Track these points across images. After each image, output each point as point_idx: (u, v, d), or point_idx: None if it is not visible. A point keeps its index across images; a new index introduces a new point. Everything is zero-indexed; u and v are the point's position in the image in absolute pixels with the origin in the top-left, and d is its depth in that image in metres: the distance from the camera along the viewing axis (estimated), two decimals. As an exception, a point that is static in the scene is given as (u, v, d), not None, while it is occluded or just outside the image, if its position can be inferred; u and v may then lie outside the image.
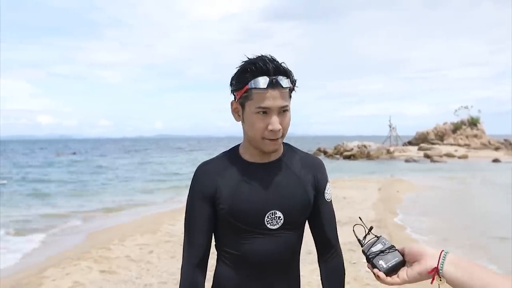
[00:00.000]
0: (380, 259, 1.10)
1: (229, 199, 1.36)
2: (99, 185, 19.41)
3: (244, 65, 1.33)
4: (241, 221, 1.36)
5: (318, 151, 44.27)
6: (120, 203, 13.34)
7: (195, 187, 1.42)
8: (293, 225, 1.40)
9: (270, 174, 1.40)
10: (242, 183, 1.38)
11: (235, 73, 1.35)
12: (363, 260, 5.89)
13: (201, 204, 1.39)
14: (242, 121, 1.38)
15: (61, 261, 6.15)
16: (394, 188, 14.38)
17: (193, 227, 1.40)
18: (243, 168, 1.40)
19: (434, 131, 51.36)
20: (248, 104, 1.32)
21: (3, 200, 14.15)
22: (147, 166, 32.43)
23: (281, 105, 1.31)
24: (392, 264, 1.08)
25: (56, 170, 28.23)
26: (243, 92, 1.31)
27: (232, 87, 1.37)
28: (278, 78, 1.29)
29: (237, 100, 1.36)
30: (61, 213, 11.63)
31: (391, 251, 1.10)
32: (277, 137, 1.33)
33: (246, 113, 1.34)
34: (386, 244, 1.13)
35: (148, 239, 7.36)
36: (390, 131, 54.09)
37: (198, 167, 1.44)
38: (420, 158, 34.31)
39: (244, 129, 1.39)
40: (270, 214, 1.36)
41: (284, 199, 1.38)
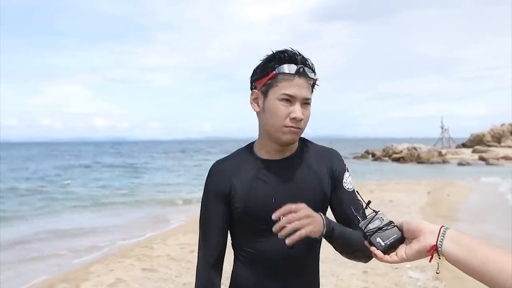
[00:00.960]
0: (377, 237, 1.04)
1: (244, 197, 1.34)
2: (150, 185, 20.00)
3: (271, 55, 1.33)
4: (256, 220, 1.34)
5: (366, 153, 43.40)
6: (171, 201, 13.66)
7: (209, 186, 1.40)
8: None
9: (285, 171, 1.37)
10: (257, 181, 1.35)
11: (260, 64, 1.35)
12: (406, 265, 5.69)
13: (216, 203, 1.38)
14: (261, 111, 1.35)
15: (106, 258, 6.38)
16: (444, 192, 13.77)
17: (208, 226, 1.39)
18: (258, 165, 1.38)
19: (490, 133, 48.92)
20: (272, 90, 1.30)
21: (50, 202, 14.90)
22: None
23: (306, 96, 1.30)
24: (389, 242, 1.02)
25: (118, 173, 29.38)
26: (268, 79, 1.30)
27: (255, 76, 1.35)
28: (305, 68, 1.29)
29: (259, 89, 1.34)
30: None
31: (389, 228, 1.04)
32: (299, 126, 1.31)
33: (268, 101, 1.31)
34: (384, 220, 1.06)
35: (189, 239, 7.47)
36: (442, 133, 52.18)
37: (213, 166, 1.43)
38: (474, 161, 32.72)
39: (263, 120, 1.36)
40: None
41: (301, 196, 1.33)
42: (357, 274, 5.17)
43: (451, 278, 5.10)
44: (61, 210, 12.42)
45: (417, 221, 1.00)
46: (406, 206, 10.74)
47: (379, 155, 39.81)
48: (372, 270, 5.33)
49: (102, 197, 15.45)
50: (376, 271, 5.29)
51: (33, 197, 15.24)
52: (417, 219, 1.01)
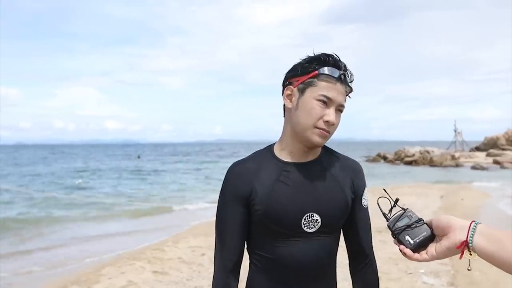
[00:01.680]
0: (406, 235, 1.01)
1: (265, 200, 1.30)
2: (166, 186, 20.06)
3: (315, 55, 1.31)
4: (277, 224, 1.29)
5: (377, 156, 43.09)
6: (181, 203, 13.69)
7: (227, 188, 1.35)
8: (330, 229, 1.34)
9: (307, 174, 1.34)
10: (278, 183, 1.31)
11: (302, 61, 1.32)
12: (420, 270, 5.60)
13: (235, 205, 1.33)
14: (294, 108, 1.31)
15: (117, 260, 6.39)
16: (458, 196, 13.57)
17: (226, 230, 1.35)
18: (279, 168, 1.34)
19: (505, 136, 48.15)
20: (311, 89, 1.28)
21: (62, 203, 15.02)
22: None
23: (342, 102, 1.29)
24: (419, 240, 0.99)
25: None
26: (309, 77, 1.28)
27: (294, 72, 1.33)
28: (347, 75, 1.28)
29: (296, 85, 1.31)
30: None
31: (418, 225, 1.01)
32: (329, 131, 1.29)
33: (304, 99, 1.29)
34: (413, 218, 1.03)
35: (200, 242, 7.46)
36: (455, 136, 51.56)
37: (231, 167, 1.38)
38: (488, 165, 32.22)
39: (294, 117, 1.32)
40: (307, 217, 1.30)
41: (322, 202, 1.31)
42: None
43: (467, 284, 5.00)
44: (76, 216, 12.51)
45: (446, 217, 0.97)
46: (419, 210, 10.57)
47: (391, 158, 39.50)
48: (385, 275, 5.25)
49: (114, 201, 15.54)
50: (389, 276, 5.21)
51: (47, 203, 15.40)
52: (446, 215, 0.98)
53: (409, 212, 1.05)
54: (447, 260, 5.88)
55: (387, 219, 1.09)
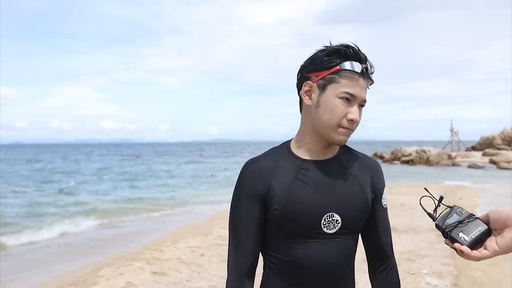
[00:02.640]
0: (459, 231, 0.93)
1: (283, 199, 1.22)
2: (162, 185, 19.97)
3: (334, 47, 1.22)
4: (295, 224, 1.22)
5: (374, 156, 43.10)
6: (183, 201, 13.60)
7: (243, 186, 1.27)
8: (350, 230, 1.27)
9: (326, 173, 1.27)
10: (297, 182, 1.24)
11: (320, 54, 1.23)
12: (423, 271, 5.53)
13: (251, 205, 1.25)
14: (314, 105, 1.24)
15: (116, 261, 6.30)
16: (456, 195, 13.55)
17: (241, 230, 1.27)
18: (298, 165, 1.26)
19: (500, 136, 48.32)
20: (332, 87, 1.20)
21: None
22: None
23: (364, 98, 1.23)
24: (476, 235, 0.91)
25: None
26: (330, 73, 1.20)
27: (312, 66, 1.24)
28: (369, 69, 1.22)
29: (315, 81, 1.23)
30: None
31: (471, 220, 0.93)
32: (353, 129, 1.23)
33: (325, 96, 1.21)
34: (463, 214, 0.96)
35: (200, 242, 7.38)
36: (451, 136, 51.71)
37: (247, 164, 1.30)
38: (485, 164, 32.31)
39: (314, 115, 1.24)
40: (327, 217, 1.23)
41: (342, 201, 1.25)
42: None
43: (470, 284, 4.95)
44: (73, 215, 12.42)
45: (507, 209, 0.89)
46: (418, 210, 10.54)
47: (388, 157, 39.53)
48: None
49: (112, 201, 15.44)
50: (392, 277, 5.15)
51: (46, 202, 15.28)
52: (507, 208, 0.91)
53: (457, 208, 0.98)
54: (450, 260, 5.83)
55: (434, 219, 1.01)
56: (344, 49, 1.21)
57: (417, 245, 6.80)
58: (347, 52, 1.20)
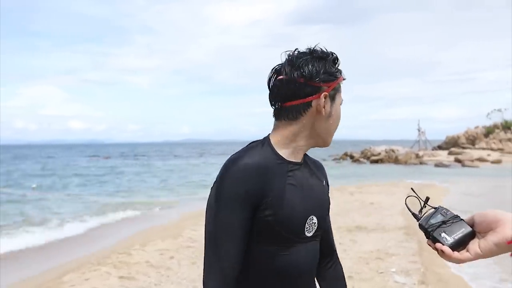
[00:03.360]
0: (442, 231, 0.90)
1: (278, 204, 1.14)
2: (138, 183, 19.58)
3: (331, 55, 1.24)
4: (286, 229, 1.17)
5: (344, 155, 43.72)
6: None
7: (231, 187, 1.12)
8: (322, 231, 1.29)
9: (305, 176, 1.26)
10: (288, 185, 1.19)
11: (323, 63, 1.21)
12: (392, 269, 5.60)
13: (240, 208, 1.12)
14: (326, 115, 1.23)
15: (81, 266, 6.10)
16: (423, 194, 13.63)
17: (226, 237, 1.13)
18: (285, 168, 1.20)
19: (465, 135, 50.01)
20: (338, 96, 1.26)
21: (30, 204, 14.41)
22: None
23: None
24: (458, 236, 0.88)
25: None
26: (336, 83, 1.24)
27: (326, 76, 1.20)
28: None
29: (328, 91, 1.22)
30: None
31: (455, 221, 0.91)
32: None
33: (335, 106, 1.25)
34: (447, 214, 0.93)
35: (169, 244, 7.25)
36: (419, 135, 53.07)
37: (233, 161, 1.15)
38: (450, 163, 33.31)
39: (324, 124, 1.24)
40: (309, 220, 1.22)
41: (318, 203, 1.26)
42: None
43: (437, 281, 5.05)
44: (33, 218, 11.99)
45: (493, 211, 0.87)
46: (387, 209, 10.75)
47: (358, 157, 40.16)
48: (357, 274, 5.23)
49: (80, 201, 15.03)
50: (361, 276, 5.19)
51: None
52: (492, 210, 0.88)
53: (442, 209, 0.96)
54: (418, 258, 5.93)
55: (418, 219, 0.98)
56: (336, 57, 1.25)
57: (386, 243, 6.89)
58: (335, 61, 1.25)
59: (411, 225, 8.46)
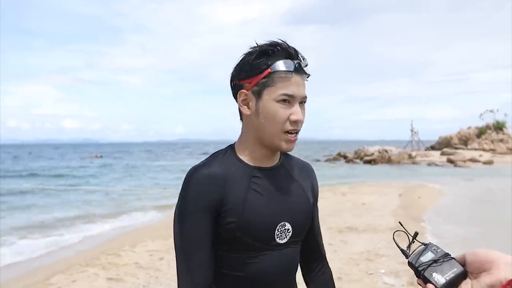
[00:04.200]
0: (433, 271, 0.87)
1: (239, 210, 1.14)
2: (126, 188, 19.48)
3: (261, 49, 1.15)
4: (251, 237, 1.15)
5: (338, 155, 43.82)
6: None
7: (192, 196, 1.13)
8: (299, 237, 1.26)
9: (275, 181, 1.22)
10: (251, 191, 1.17)
11: (247, 59, 1.16)
12: (381, 271, 5.59)
13: (203, 217, 1.12)
14: (253, 114, 1.17)
15: (69, 267, 6.04)
16: (415, 194, 13.93)
17: (192, 246, 1.13)
18: (249, 173, 1.19)
19: (457, 136, 50.30)
20: (268, 91, 1.14)
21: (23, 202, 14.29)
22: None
23: (304, 95, 1.17)
24: (451, 277, 0.85)
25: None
26: (262, 78, 1.13)
27: (243, 74, 1.16)
28: (302, 63, 1.16)
29: (249, 88, 1.16)
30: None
31: (446, 260, 0.87)
32: (298, 129, 1.18)
33: (263, 103, 1.15)
34: (438, 252, 0.90)
35: (159, 245, 7.20)
36: (412, 136, 53.31)
37: (194, 171, 1.16)
38: (443, 163, 33.50)
39: (256, 124, 1.17)
40: (280, 227, 1.19)
41: (292, 209, 1.22)
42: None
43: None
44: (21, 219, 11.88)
45: (484, 250, 0.84)
46: (378, 209, 10.76)
47: (351, 157, 40.28)
48: (346, 276, 5.22)
49: (72, 199, 14.92)
50: (350, 277, 5.18)
51: None
52: (484, 249, 0.84)
53: (432, 246, 0.92)
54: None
55: (407, 256, 0.94)
56: (271, 49, 1.14)
57: (376, 244, 6.89)
58: (275, 51, 1.14)
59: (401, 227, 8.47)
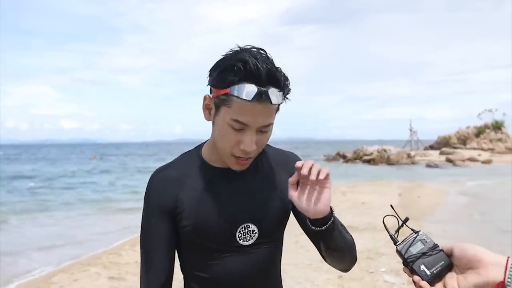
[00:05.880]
0: (421, 263, 0.88)
1: (193, 213, 1.13)
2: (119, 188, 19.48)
3: (231, 61, 1.04)
4: (209, 239, 1.14)
5: (337, 155, 43.83)
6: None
7: (151, 198, 1.16)
8: (270, 238, 1.20)
9: (239, 180, 1.18)
10: (207, 193, 1.15)
11: (219, 66, 1.07)
12: (381, 269, 5.61)
13: (158, 220, 1.15)
14: (213, 123, 1.13)
15: (70, 267, 6.07)
16: (414, 194, 13.96)
17: (150, 248, 1.16)
18: (208, 174, 1.17)
19: (456, 135, 50.36)
20: (224, 110, 1.06)
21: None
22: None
23: (263, 124, 1.07)
24: (437, 270, 0.87)
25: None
26: (222, 94, 1.05)
27: (211, 79, 1.10)
28: (269, 91, 1.02)
29: (213, 97, 1.09)
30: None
31: (434, 253, 0.89)
32: (248, 157, 1.11)
33: (218, 118, 1.09)
34: (427, 243, 0.91)
35: (160, 245, 7.21)
36: (410, 135, 53.38)
37: (153, 175, 1.19)
38: (441, 163, 33.53)
39: (213, 133, 1.15)
40: (242, 229, 1.15)
41: (258, 210, 1.17)
42: (333, 279, 5.08)
43: (426, 281, 5.07)
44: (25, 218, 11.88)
45: (472, 247, 0.84)
46: (378, 208, 10.79)
47: (350, 157, 40.28)
48: (347, 274, 5.24)
49: (70, 201, 14.93)
50: (351, 276, 5.20)
51: None
52: (471, 245, 0.85)
53: (422, 235, 0.92)
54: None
55: (395, 243, 0.95)
56: (239, 66, 1.02)
57: (377, 243, 6.92)
58: (241, 70, 1.02)
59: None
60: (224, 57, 1.08)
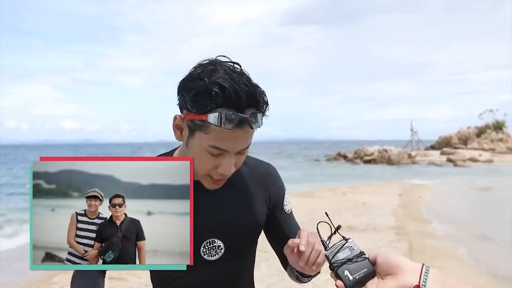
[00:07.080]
0: (345, 269, 0.92)
1: None
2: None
3: (206, 84, 0.96)
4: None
5: (338, 155, 43.88)
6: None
7: None
8: (238, 254, 1.20)
9: (208, 195, 1.14)
10: None
11: (191, 88, 0.99)
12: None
13: None
14: (184, 143, 1.08)
15: (71, 267, 6.07)
16: (415, 194, 13.98)
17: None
18: None
19: (457, 135, 50.41)
20: (200, 135, 1.01)
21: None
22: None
23: (243, 148, 1.05)
24: (359, 276, 0.90)
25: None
26: (198, 120, 0.99)
27: (183, 102, 1.02)
28: (249, 116, 0.98)
29: (184, 119, 1.03)
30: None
31: (359, 260, 0.92)
32: (225, 178, 1.09)
33: (193, 142, 1.03)
34: (354, 250, 0.94)
35: (160, 245, 7.23)
36: (411, 136, 53.39)
37: None
38: (442, 163, 33.55)
39: (185, 152, 1.09)
40: (206, 244, 1.15)
41: (225, 225, 1.16)
42: (333, 279, 5.08)
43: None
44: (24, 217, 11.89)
45: (395, 255, 0.89)
46: (379, 209, 10.81)
47: (351, 157, 40.31)
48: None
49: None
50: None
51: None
52: (395, 254, 0.90)
53: (351, 243, 0.96)
54: (407, 258, 5.96)
55: (326, 247, 1.00)
56: (216, 90, 0.95)
57: (376, 243, 6.93)
58: (218, 97, 0.95)
59: (402, 226, 8.53)
60: (197, 76, 0.99)
